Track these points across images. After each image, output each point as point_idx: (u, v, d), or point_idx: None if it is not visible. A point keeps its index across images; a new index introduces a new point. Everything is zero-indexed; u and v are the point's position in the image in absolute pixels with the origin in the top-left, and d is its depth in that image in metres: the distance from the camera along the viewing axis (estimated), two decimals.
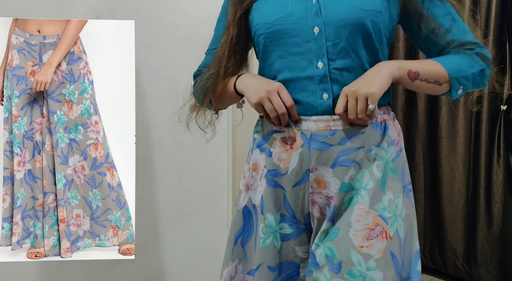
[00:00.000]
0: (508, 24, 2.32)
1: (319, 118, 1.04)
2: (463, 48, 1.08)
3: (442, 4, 1.08)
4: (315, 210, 1.07)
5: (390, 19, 1.06)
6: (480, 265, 2.46)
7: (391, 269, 1.00)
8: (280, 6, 1.07)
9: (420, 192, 2.66)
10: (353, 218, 1.01)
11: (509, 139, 2.37)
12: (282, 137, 1.08)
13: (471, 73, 1.06)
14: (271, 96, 1.03)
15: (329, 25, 1.02)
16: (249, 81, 1.09)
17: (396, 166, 1.07)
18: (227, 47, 1.11)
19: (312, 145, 1.05)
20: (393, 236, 1.01)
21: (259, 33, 1.09)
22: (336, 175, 1.04)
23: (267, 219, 1.10)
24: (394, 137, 1.09)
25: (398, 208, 1.04)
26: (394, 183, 1.05)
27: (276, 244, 1.10)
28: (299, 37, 1.04)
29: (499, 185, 2.39)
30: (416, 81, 1.03)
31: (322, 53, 1.03)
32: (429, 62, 1.06)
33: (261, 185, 1.12)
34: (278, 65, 1.08)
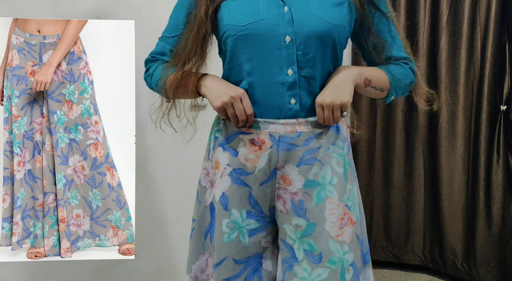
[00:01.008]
0: (508, 24, 2.32)
1: (286, 121, 1.13)
2: (401, 61, 1.23)
3: (386, 21, 1.20)
4: (279, 204, 1.15)
5: (349, 30, 1.17)
6: (479, 265, 2.46)
7: (358, 248, 1.15)
8: (252, 9, 1.11)
9: (420, 192, 2.66)
10: (327, 212, 1.11)
11: (508, 139, 2.37)
12: (250, 139, 1.15)
13: (403, 84, 1.22)
14: (234, 103, 1.09)
15: (300, 35, 1.09)
16: (211, 84, 1.14)
17: (349, 159, 1.20)
18: (198, 45, 1.14)
19: (281, 146, 1.13)
20: (356, 220, 1.15)
21: (229, 34, 1.12)
22: (301, 172, 1.13)
23: (232, 215, 1.16)
24: (345, 134, 1.20)
25: (355, 195, 1.18)
26: (350, 174, 1.18)
27: (243, 239, 1.16)
28: (271, 43, 1.10)
29: (498, 185, 2.39)
30: (368, 87, 1.16)
31: (292, 61, 1.10)
32: (378, 71, 1.19)
33: (222, 182, 1.17)
34: (247, 68, 1.12)
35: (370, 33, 1.18)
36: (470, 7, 2.40)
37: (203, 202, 1.25)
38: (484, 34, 2.38)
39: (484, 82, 2.38)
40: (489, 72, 2.37)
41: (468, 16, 2.41)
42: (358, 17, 1.16)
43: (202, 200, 1.25)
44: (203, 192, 1.25)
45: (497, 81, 2.37)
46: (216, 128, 1.23)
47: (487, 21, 2.36)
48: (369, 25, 1.17)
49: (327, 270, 1.09)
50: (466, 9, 2.41)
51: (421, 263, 2.70)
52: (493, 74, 2.37)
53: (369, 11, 1.17)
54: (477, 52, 2.41)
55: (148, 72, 1.28)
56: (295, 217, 1.13)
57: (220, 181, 1.18)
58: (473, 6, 2.39)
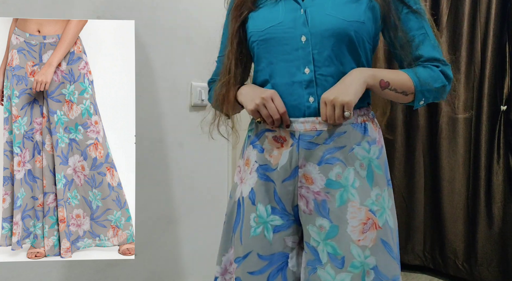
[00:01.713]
0: (508, 25, 2.32)
1: (306, 119, 1.15)
2: (430, 64, 1.18)
3: (417, 18, 1.17)
4: (302, 203, 1.17)
5: (373, 27, 1.15)
6: (480, 265, 2.46)
7: (385, 254, 1.13)
8: (272, 16, 1.17)
9: (420, 192, 2.66)
10: (349, 216, 1.12)
11: (509, 139, 2.36)
12: (273, 136, 1.19)
13: (433, 88, 1.16)
14: (266, 103, 1.13)
15: (315, 35, 1.12)
16: (246, 91, 1.19)
17: (380, 163, 1.17)
18: (232, 58, 1.22)
19: (301, 144, 1.15)
20: (382, 226, 1.13)
21: (253, 40, 1.19)
22: (322, 171, 1.14)
23: (258, 209, 1.19)
24: (374, 136, 1.18)
25: (385, 200, 1.16)
26: (380, 178, 1.16)
27: (267, 235, 1.18)
28: (289, 45, 1.14)
29: (499, 186, 2.39)
30: (386, 90, 1.13)
31: (308, 60, 1.13)
32: (399, 73, 1.16)
33: (251, 178, 1.21)
34: (269, 71, 1.18)
35: (397, 30, 1.16)
36: (470, 7, 2.40)
37: (233, 198, 1.28)
38: (484, 34, 2.38)
39: (484, 82, 2.38)
40: (489, 72, 2.37)
41: (468, 16, 2.41)
42: (382, 13, 1.15)
43: (233, 195, 1.29)
44: (234, 188, 1.30)
45: (497, 81, 2.37)
46: (249, 127, 1.28)
47: (487, 21, 2.35)
48: (396, 21, 1.15)
49: (349, 275, 1.10)
50: (466, 9, 2.41)
51: (421, 263, 2.70)
52: (493, 74, 2.37)
53: (395, 7, 1.15)
54: (477, 52, 2.41)
55: (209, 94, 1.36)
56: (319, 217, 1.14)
57: (249, 177, 1.22)
58: (473, 6, 2.39)
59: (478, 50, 2.40)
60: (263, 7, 1.20)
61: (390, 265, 1.14)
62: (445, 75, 1.18)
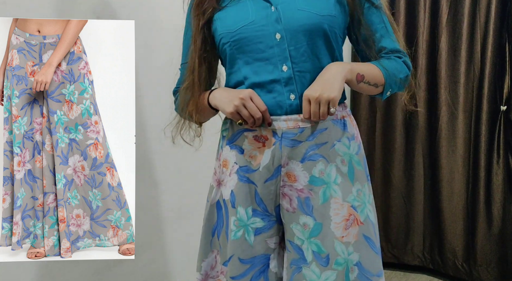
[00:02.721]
0: (508, 24, 2.32)
1: (288, 117, 1.13)
2: (393, 55, 1.20)
3: (378, 12, 1.18)
4: (285, 202, 1.15)
5: (343, 21, 1.16)
6: (479, 266, 2.46)
7: (368, 249, 1.13)
8: (241, 15, 1.14)
9: (420, 192, 2.66)
10: (332, 212, 1.12)
11: (508, 139, 2.37)
12: (254, 136, 1.16)
13: (399, 78, 1.18)
14: (245, 103, 1.10)
15: (289, 31, 1.11)
16: (220, 94, 1.16)
17: (360, 159, 1.18)
18: (196, 56, 1.18)
19: (283, 142, 1.13)
20: (364, 221, 1.14)
21: (223, 42, 1.16)
22: (305, 168, 1.13)
23: (238, 212, 1.17)
24: (352, 132, 1.19)
25: (365, 195, 1.17)
26: (360, 174, 1.17)
27: (248, 238, 1.17)
28: (263, 44, 1.12)
29: (498, 186, 2.39)
30: (361, 83, 1.14)
31: (285, 57, 1.12)
32: (371, 66, 1.16)
33: (230, 180, 1.19)
34: (244, 71, 1.15)
35: (360, 25, 1.17)
36: (470, 7, 2.40)
37: (210, 201, 1.26)
38: (484, 34, 2.38)
39: (484, 82, 2.38)
40: (489, 72, 2.37)
41: (468, 16, 2.41)
42: (349, 7, 1.16)
43: (209, 199, 1.27)
44: (210, 191, 1.28)
45: (497, 81, 2.37)
46: (223, 127, 1.25)
47: (487, 21, 2.36)
48: (359, 16, 1.16)
49: (334, 272, 1.10)
50: (466, 9, 2.41)
51: (421, 263, 2.70)
52: (493, 74, 2.37)
53: (359, 1, 1.16)
54: (477, 52, 2.41)
55: (175, 104, 1.30)
56: (303, 215, 1.13)
57: (229, 179, 1.19)
58: (473, 6, 2.39)
59: (478, 50, 2.40)
60: (229, 7, 1.17)
61: (373, 261, 1.14)
62: (407, 65, 1.21)
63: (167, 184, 2.15)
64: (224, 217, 1.22)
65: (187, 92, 1.19)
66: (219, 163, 1.25)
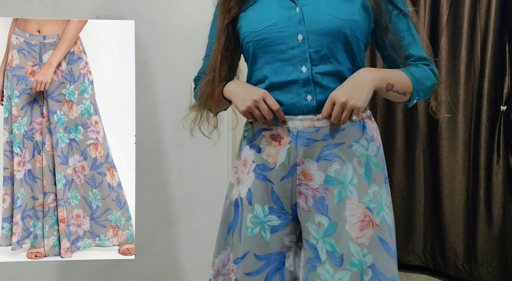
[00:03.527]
0: (508, 25, 2.32)
1: (304, 117, 1.14)
2: (421, 63, 1.20)
3: (405, 19, 1.19)
4: (301, 200, 1.16)
5: (366, 26, 1.16)
6: (480, 266, 2.46)
7: (383, 252, 1.13)
8: (265, 16, 1.16)
9: (420, 192, 2.66)
10: (347, 213, 1.12)
11: (508, 140, 2.36)
12: (270, 134, 1.18)
13: (426, 86, 1.19)
14: (258, 104, 1.12)
15: (311, 33, 1.12)
16: (235, 89, 1.18)
17: (378, 161, 1.18)
18: (219, 54, 1.20)
19: (299, 141, 1.14)
20: (380, 224, 1.14)
21: (247, 41, 1.18)
22: (320, 168, 1.14)
23: (255, 210, 1.18)
24: (372, 134, 1.18)
25: (382, 198, 1.16)
26: (377, 176, 1.16)
27: (264, 235, 1.18)
28: (284, 45, 1.14)
29: (499, 186, 2.39)
30: (390, 91, 1.14)
31: (305, 58, 1.13)
32: (400, 73, 1.16)
33: (248, 178, 1.21)
34: (265, 70, 1.17)
35: (387, 31, 1.17)
36: (470, 7, 2.40)
37: (229, 199, 1.28)
38: (484, 34, 2.38)
39: (484, 83, 2.38)
40: (489, 73, 2.37)
41: (468, 16, 2.41)
42: (374, 13, 1.16)
43: (228, 196, 1.28)
44: (230, 189, 1.29)
45: (497, 82, 2.37)
46: (245, 128, 1.27)
47: (487, 21, 2.35)
48: (386, 22, 1.17)
49: (348, 273, 1.10)
50: (466, 9, 2.41)
51: (421, 263, 2.70)
52: (493, 74, 2.37)
53: (386, 8, 1.17)
54: (477, 52, 2.41)
55: (195, 91, 1.33)
56: (318, 214, 1.14)
57: (247, 177, 1.22)
58: (473, 6, 2.39)
59: (478, 50, 2.40)
60: (254, 5, 1.20)
61: (388, 264, 1.14)
62: (434, 73, 1.21)
63: (167, 184, 2.15)
64: (240, 215, 1.23)
65: (207, 88, 1.22)
66: (240, 162, 1.27)
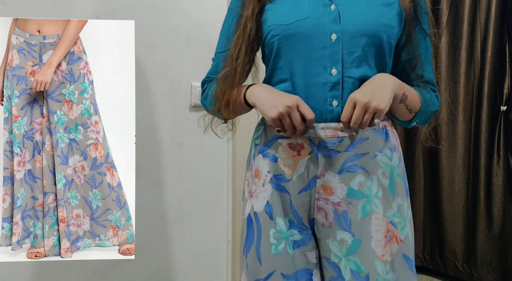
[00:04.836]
0: (507, 25, 2.32)
1: (327, 125, 1.05)
2: (429, 87, 1.15)
3: (426, 39, 1.13)
4: (320, 216, 1.08)
5: (398, 34, 1.09)
6: (480, 266, 2.46)
7: (406, 270, 1.05)
8: (297, 9, 1.06)
9: (420, 193, 2.66)
10: (373, 229, 1.04)
11: (508, 140, 2.37)
12: (289, 143, 1.08)
13: (430, 111, 1.14)
14: (291, 112, 1.00)
15: (346, 33, 1.03)
16: (261, 93, 1.06)
17: (400, 172, 1.11)
18: (243, 44, 1.09)
19: (320, 152, 1.05)
20: (404, 240, 1.06)
21: (273, 34, 1.07)
22: (343, 181, 1.05)
23: (277, 224, 1.08)
24: (394, 142, 1.12)
25: (405, 211, 1.08)
26: (401, 187, 1.09)
27: (290, 250, 1.08)
28: (315, 43, 1.04)
29: (499, 186, 2.39)
30: (402, 103, 1.07)
31: (337, 60, 1.04)
32: (413, 90, 1.10)
33: (265, 191, 1.11)
34: (290, 68, 1.07)
35: (408, 42, 1.10)
36: (470, 7, 2.40)
37: (244, 214, 1.17)
38: (484, 34, 2.38)
39: (484, 83, 2.38)
40: (489, 73, 2.37)
41: (468, 16, 2.41)
42: (405, 23, 1.10)
43: (244, 213, 1.18)
44: (244, 205, 1.18)
45: (497, 82, 2.37)
46: (255, 135, 1.18)
47: (487, 21, 2.36)
48: (411, 32, 1.10)
49: None
50: (466, 9, 2.41)
51: (421, 264, 2.70)
52: (493, 74, 2.37)
53: (413, 21, 1.10)
54: (477, 52, 2.41)
55: (203, 95, 1.22)
56: (340, 230, 1.05)
57: (263, 189, 1.11)
58: (473, 6, 2.39)
59: (478, 50, 2.40)
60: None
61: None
62: (438, 100, 1.17)
63: (167, 184, 2.15)
64: (255, 232, 1.12)
65: (225, 81, 1.09)
66: (251, 173, 1.15)
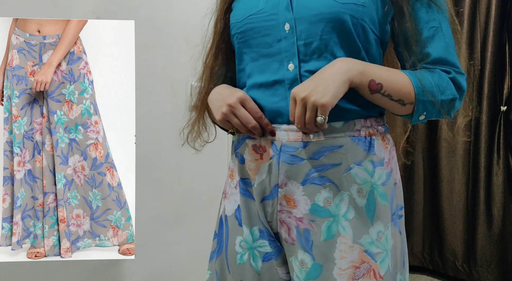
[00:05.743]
0: (508, 24, 2.32)
1: (289, 127, 0.90)
2: (439, 67, 0.89)
3: (430, 8, 0.89)
4: (283, 231, 0.93)
5: (379, 12, 0.89)
6: (479, 266, 2.46)
7: None
8: (252, 3, 0.95)
9: (420, 193, 2.66)
10: (337, 254, 0.87)
11: (508, 140, 2.37)
12: (253, 145, 0.95)
13: (440, 100, 0.88)
14: (235, 110, 0.90)
15: (300, 21, 0.88)
16: (213, 96, 0.97)
17: (386, 191, 0.91)
18: (214, 45, 1.01)
19: (282, 157, 0.90)
20: (384, 275, 0.87)
21: (232, 34, 0.98)
22: (306, 193, 0.89)
23: (244, 232, 0.97)
24: (381, 155, 0.91)
25: (387, 241, 0.89)
26: (384, 211, 0.90)
27: (254, 264, 0.96)
28: (270, 36, 0.91)
29: (499, 186, 2.39)
30: (376, 94, 0.87)
31: (293, 53, 0.89)
32: (398, 74, 0.88)
33: (236, 193, 1.00)
34: (249, 69, 0.96)
35: (403, 18, 0.88)
36: (470, 7, 2.40)
37: (218, 214, 1.08)
38: (484, 34, 2.38)
39: (484, 83, 2.38)
40: (489, 72, 2.37)
41: (468, 16, 2.41)
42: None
43: (219, 211, 1.08)
44: (219, 204, 1.08)
45: (497, 82, 2.37)
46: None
47: (487, 21, 2.36)
48: (404, 6, 0.88)
49: None
50: (466, 9, 2.41)
51: (421, 264, 2.70)
52: (493, 74, 2.37)
53: None
54: (477, 52, 2.41)
55: None
56: (301, 250, 0.90)
57: (235, 192, 1.00)
58: (473, 6, 2.39)
59: (478, 50, 2.40)
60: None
61: None
62: (456, 85, 0.90)
63: (167, 184, 2.15)
64: (224, 236, 1.02)
65: (198, 85, 1.03)
66: (228, 173, 1.05)
